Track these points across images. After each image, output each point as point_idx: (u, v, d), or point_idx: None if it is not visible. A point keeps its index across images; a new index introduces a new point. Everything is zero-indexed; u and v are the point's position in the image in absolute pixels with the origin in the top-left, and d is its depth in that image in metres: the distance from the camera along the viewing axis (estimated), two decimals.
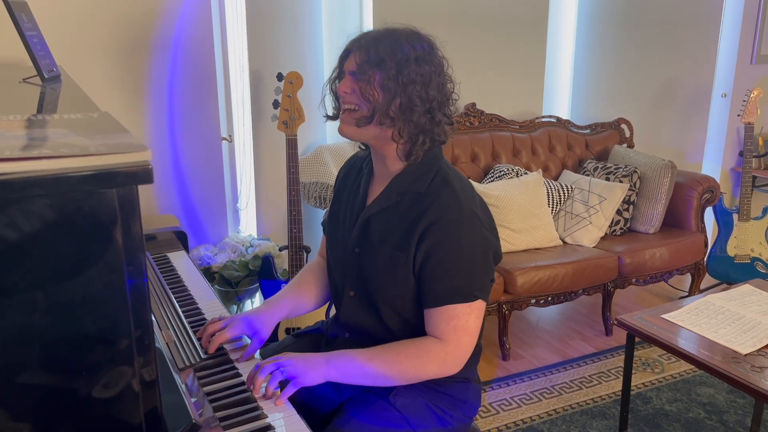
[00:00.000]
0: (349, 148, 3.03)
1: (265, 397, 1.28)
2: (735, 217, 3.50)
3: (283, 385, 1.30)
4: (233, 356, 1.45)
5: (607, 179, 3.30)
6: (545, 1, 3.52)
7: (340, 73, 1.39)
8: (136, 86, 2.68)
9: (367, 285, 1.43)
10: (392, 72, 1.29)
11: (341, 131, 1.39)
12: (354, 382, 1.36)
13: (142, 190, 0.84)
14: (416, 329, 1.41)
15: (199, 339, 1.43)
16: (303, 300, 1.60)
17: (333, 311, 1.62)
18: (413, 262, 1.35)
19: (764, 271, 3.47)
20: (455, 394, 1.45)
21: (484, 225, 1.37)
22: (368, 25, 3.05)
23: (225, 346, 1.48)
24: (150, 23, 2.65)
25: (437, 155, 1.40)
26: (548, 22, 3.57)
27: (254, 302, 2.93)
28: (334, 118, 1.43)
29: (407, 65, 1.30)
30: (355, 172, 1.55)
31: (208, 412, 1.22)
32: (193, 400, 1.15)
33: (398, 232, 1.37)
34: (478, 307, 1.36)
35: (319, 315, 2.45)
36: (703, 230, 3.39)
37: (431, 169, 1.38)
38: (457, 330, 1.34)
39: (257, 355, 1.47)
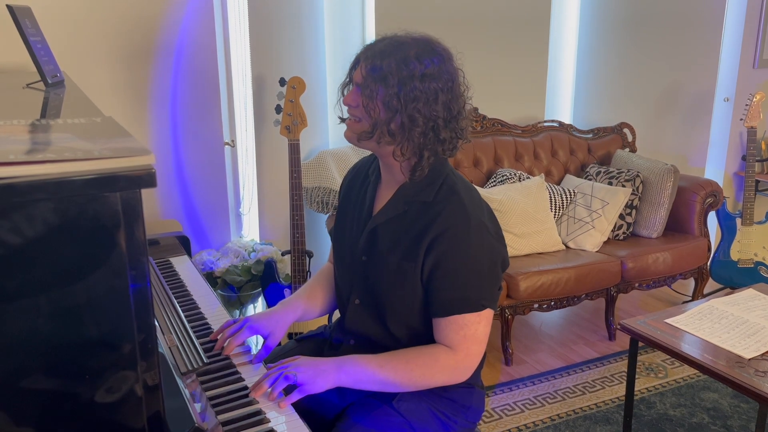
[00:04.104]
0: (352, 153, 3.03)
1: (269, 401, 1.29)
2: (738, 221, 3.50)
3: (289, 390, 1.31)
4: (237, 360, 1.45)
5: (610, 184, 3.29)
6: (547, 6, 3.52)
7: (350, 82, 1.38)
8: (139, 91, 2.69)
9: (374, 293, 1.43)
10: (394, 89, 1.28)
11: (345, 136, 1.40)
12: (363, 387, 1.36)
13: (145, 194, 0.84)
14: (422, 337, 1.41)
15: (203, 343, 1.43)
16: (314, 305, 1.61)
17: (336, 316, 1.62)
18: (421, 271, 1.35)
19: None
20: (459, 400, 1.45)
21: (491, 234, 1.37)
22: (370, 30, 3.06)
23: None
24: (153, 28, 2.65)
25: (443, 162, 1.40)
26: (550, 26, 3.57)
27: (257, 307, 2.93)
28: (345, 121, 1.43)
29: (410, 82, 1.27)
30: (361, 178, 1.55)
31: (210, 416, 1.22)
32: (195, 404, 1.15)
33: (406, 242, 1.37)
34: (487, 315, 1.36)
35: (322, 319, 2.45)
36: (706, 235, 3.38)
37: (438, 177, 1.38)
38: (467, 339, 1.35)
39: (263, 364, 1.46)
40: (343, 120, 1.43)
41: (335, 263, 1.57)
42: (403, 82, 1.27)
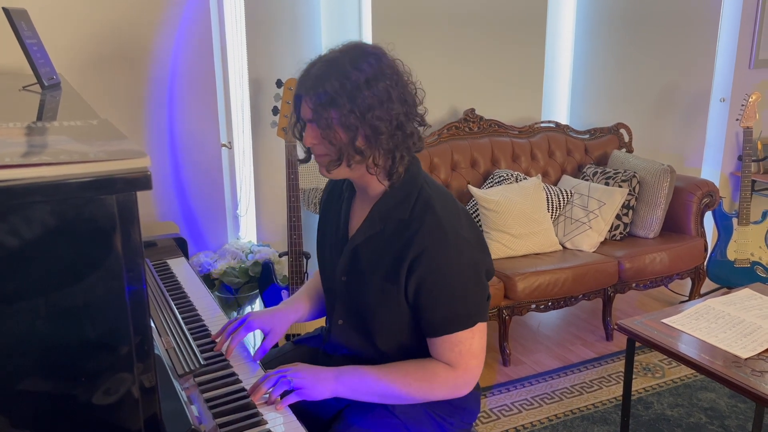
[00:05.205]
0: None
1: (267, 403, 1.29)
2: (734, 221, 3.50)
3: (286, 394, 1.31)
4: (235, 362, 1.45)
5: (607, 184, 3.30)
6: (544, 6, 3.53)
7: (299, 120, 1.34)
8: (135, 93, 2.68)
9: (359, 313, 1.42)
10: (347, 107, 1.22)
11: (321, 173, 1.35)
12: (361, 399, 1.36)
13: (142, 197, 0.84)
14: (414, 350, 1.39)
15: (200, 345, 1.43)
16: (312, 308, 1.62)
17: None
18: (405, 292, 1.33)
19: (764, 275, 3.47)
20: (454, 401, 1.45)
21: (472, 245, 1.34)
22: (367, 31, 3.06)
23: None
24: (150, 31, 2.65)
25: (415, 174, 1.35)
26: (546, 27, 3.58)
27: (254, 308, 2.93)
28: (306, 161, 1.40)
29: (359, 92, 1.22)
30: (336, 195, 1.52)
31: (207, 418, 1.22)
32: (192, 406, 1.15)
33: (386, 262, 1.33)
34: (480, 329, 1.35)
35: (321, 321, 2.45)
36: (703, 235, 3.39)
37: (412, 191, 1.34)
38: (463, 355, 1.33)
39: (260, 366, 1.47)
40: (302, 161, 1.41)
41: (321, 279, 1.57)
42: (352, 96, 1.22)
